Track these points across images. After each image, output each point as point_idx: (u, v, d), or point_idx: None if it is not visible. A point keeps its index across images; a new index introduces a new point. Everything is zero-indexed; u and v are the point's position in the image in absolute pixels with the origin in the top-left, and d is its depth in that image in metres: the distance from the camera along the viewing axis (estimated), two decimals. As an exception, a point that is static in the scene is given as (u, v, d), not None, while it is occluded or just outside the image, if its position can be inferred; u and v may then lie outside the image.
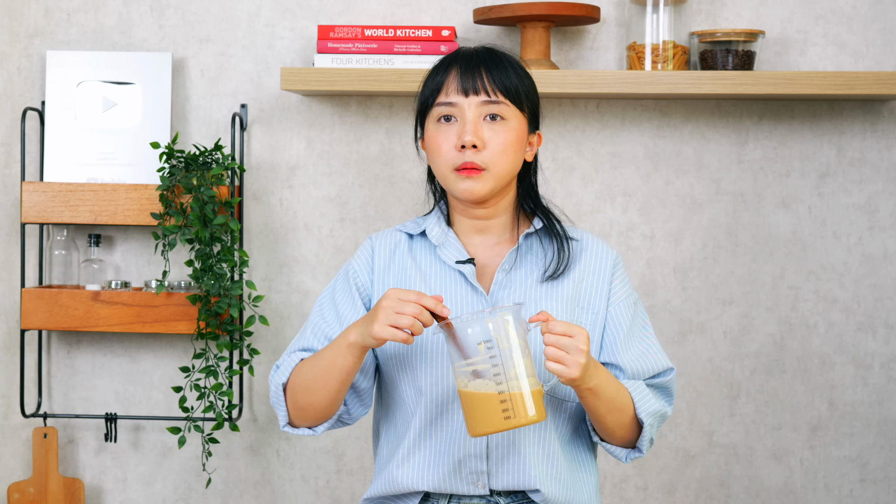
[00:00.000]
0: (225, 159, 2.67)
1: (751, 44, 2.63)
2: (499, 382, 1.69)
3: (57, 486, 2.79)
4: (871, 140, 2.74)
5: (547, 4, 2.59)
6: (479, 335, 1.69)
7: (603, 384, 1.78)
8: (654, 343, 1.93)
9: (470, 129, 1.82)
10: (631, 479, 2.79)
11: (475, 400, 1.70)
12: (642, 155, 2.76)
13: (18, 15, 2.80)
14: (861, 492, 2.77)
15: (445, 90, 1.85)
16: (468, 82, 1.83)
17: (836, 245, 2.75)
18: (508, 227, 1.92)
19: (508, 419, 1.69)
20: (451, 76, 1.85)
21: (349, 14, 2.77)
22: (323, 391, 1.82)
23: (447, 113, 1.85)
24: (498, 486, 1.85)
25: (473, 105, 1.83)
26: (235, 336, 2.74)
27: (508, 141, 1.84)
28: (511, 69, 1.86)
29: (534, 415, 1.70)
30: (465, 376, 1.71)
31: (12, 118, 2.79)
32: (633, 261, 2.76)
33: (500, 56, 1.87)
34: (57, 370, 2.85)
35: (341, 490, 2.82)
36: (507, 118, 1.84)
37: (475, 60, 1.85)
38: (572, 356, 1.70)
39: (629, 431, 1.86)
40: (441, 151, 1.85)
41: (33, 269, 2.82)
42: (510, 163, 1.85)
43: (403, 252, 1.93)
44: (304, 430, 1.89)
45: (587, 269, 1.90)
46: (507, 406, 1.69)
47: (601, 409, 1.80)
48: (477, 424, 1.71)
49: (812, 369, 2.77)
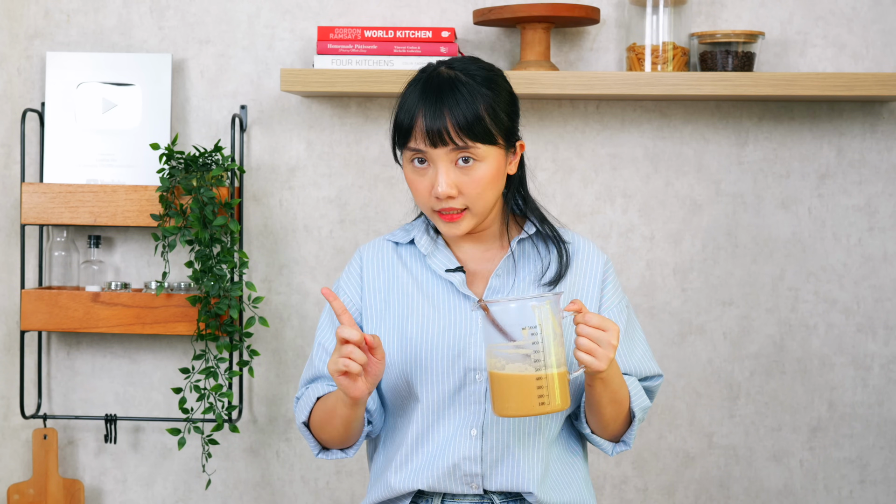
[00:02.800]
0: (225, 160, 2.67)
1: (750, 45, 2.63)
2: (538, 368, 1.70)
3: (57, 487, 2.79)
4: (871, 141, 2.74)
5: (547, 6, 2.59)
6: (524, 320, 1.70)
7: (614, 376, 1.80)
8: (647, 348, 1.96)
9: (442, 181, 1.79)
10: (631, 480, 2.79)
11: (513, 382, 1.71)
12: (642, 156, 2.76)
13: (18, 16, 2.80)
14: (861, 493, 2.77)
15: (413, 136, 1.81)
16: (434, 134, 1.78)
17: (835, 246, 2.75)
18: (498, 233, 1.92)
19: (543, 405, 1.71)
20: (418, 121, 1.80)
21: (349, 15, 2.77)
22: (334, 433, 1.87)
23: (420, 157, 1.82)
24: (492, 487, 1.86)
25: (442, 154, 1.79)
26: (235, 337, 2.74)
27: (484, 181, 1.81)
28: (476, 100, 1.79)
29: (561, 402, 1.72)
30: (504, 358, 1.71)
31: (12, 119, 2.79)
32: (632, 262, 2.76)
33: (462, 88, 1.79)
34: (57, 371, 2.85)
35: (341, 491, 2.82)
36: (481, 158, 1.80)
37: (438, 102, 1.79)
38: (603, 350, 1.71)
39: (620, 425, 1.88)
40: (418, 193, 1.84)
41: (33, 271, 2.82)
42: (491, 197, 1.84)
43: (394, 261, 1.93)
44: (338, 454, 1.92)
45: (578, 273, 1.91)
46: (542, 392, 1.70)
47: (604, 400, 1.82)
48: (509, 406, 1.72)
49: (812, 370, 2.77)
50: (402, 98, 1.84)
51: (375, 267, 1.94)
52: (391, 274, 1.92)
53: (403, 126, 1.82)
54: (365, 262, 1.95)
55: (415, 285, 1.90)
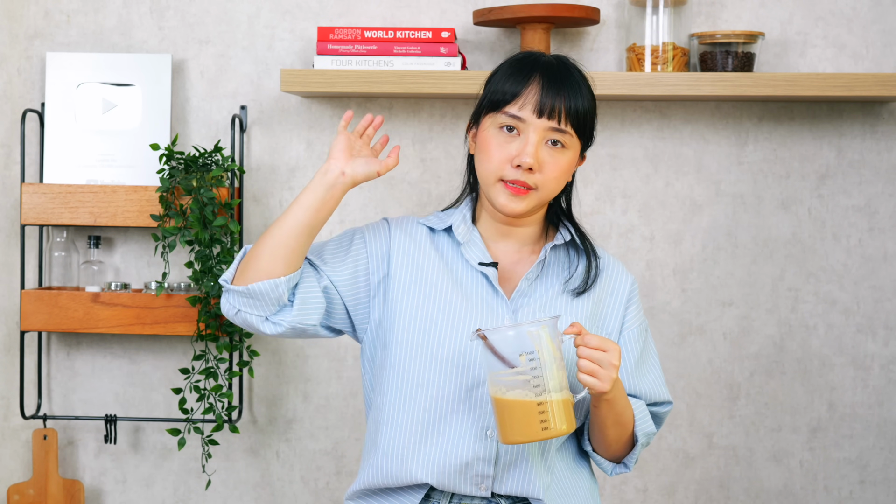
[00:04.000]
0: (225, 161, 2.67)
1: (750, 45, 2.63)
2: (538, 394, 1.71)
3: (56, 487, 2.79)
4: (871, 142, 2.74)
5: (546, 6, 2.59)
6: (520, 346, 1.71)
7: (619, 397, 1.81)
8: (660, 374, 1.96)
9: (531, 152, 1.81)
10: (631, 480, 2.79)
11: (514, 409, 1.72)
12: (642, 156, 2.76)
13: (18, 16, 2.80)
14: (861, 493, 2.77)
15: (520, 103, 1.82)
16: (546, 103, 1.81)
17: (835, 247, 2.75)
18: (534, 236, 1.92)
19: (546, 430, 1.72)
20: (531, 90, 1.82)
21: (349, 15, 2.77)
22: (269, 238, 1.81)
23: (513, 124, 1.83)
24: (501, 490, 1.85)
25: (541, 128, 1.82)
26: (235, 338, 2.74)
27: (563, 167, 1.85)
28: (584, 94, 1.85)
29: (565, 426, 1.73)
30: (504, 385, 1.73)
31: (12, 120, 2.79)
32: (632, 262, 2.76)
33: (577, 77, 1.85)
34: (57, 372, 2.85)
35: (341, 492, 2.82)
36: (568, 147, 1.84)
37: (557, 79, 1.83)
38: (605, 370, 1.72)
39: (622, 447, 1.89)
40: (493, 159, 1.83)
41: (33, 271, 2.82)
42: (558, 186, 1.86)
43: (426, 243, 1.91)
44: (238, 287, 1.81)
45: (605, 290, 1.92)
46: (545, 417, 1.71)
47: (609, 421, 1.83)
48: (512, 433, 1.73)
49: (812, 371, 2.77)
50: (510, 68, 1.85)
51: (406, 241, 1.92)
52: (423, 254, 1.90)
53: (512, 90, 1.83)
54: (394, 231, 1.93)
55: (447, 272, 1.89)
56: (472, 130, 1.91)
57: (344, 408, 2.82)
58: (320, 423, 2.82)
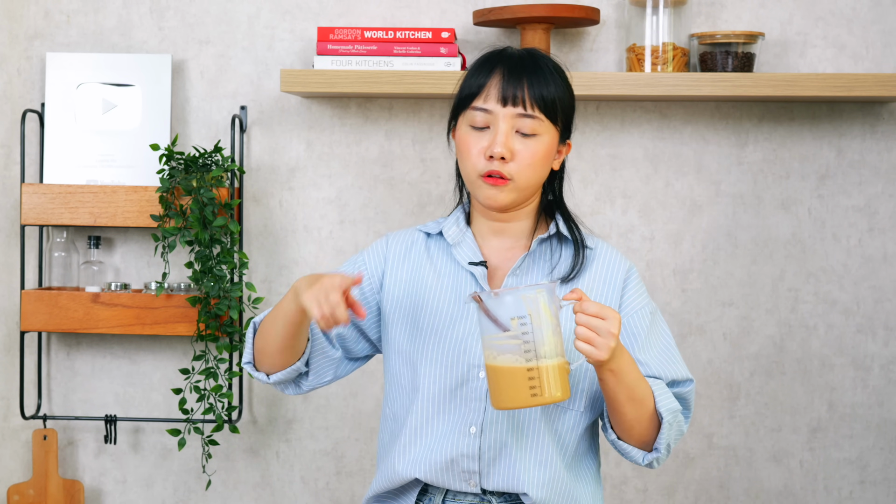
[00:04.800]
0: (224, 161, 2.67)
1: (750, 45, 2.63)
2: (528, 359, 1.69)
3: (56, 487, 2.79)
4: (871, 142, 2.74)
5: (546, 6, 2.59)
6: (513, 310, 1.69)
7: (626, 368, 1.77)
8: (674, 352, 1.92)
9: (500, 141, 1.82)
10: (630, 480, 2.79)
11: (503, 374, 1.70)
12: (642, 157, 2.76)
13: (18, 17, 2.80)
14: (861, 494, 2.77)
15: (484, 95, 1.84)
16: (508, 91, 1.82)
17: (835, 247, 2.75)
18: (527, 231, 1.92)
19: (535, 396, 1.69)
20: (493, 81, 1.84)
21: (349, 16, 2.77)
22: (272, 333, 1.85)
23: (481, 121, 1.84)
24: (489, 486, 1.86)
25: (508, 116, 1.82)
26: (235, 338, 2.74)
27: (538, 155, 1.84)
28: (552, 80, 1.85)
29: (559, 394, 1.70)
30: (495, 349, 1.71)
31: (12, 120, 2.79)
32: (633, 263, 2.76)
33: (543, 65, 1.86)
34: (57, 372, 2.85)
35: (341, 492, 2.82)
36: (540, 133, 1.84)
37: (519, 68, 1.84)
38: (603, 339, 1.70)
39: (647, 429, 1.83)
40: (470, 156, 1.85)
41: (33, 271, 2.82)
42: (536, 175, 1.85)
43: (420, 249, 1.95)
44: (260, 375, 1.92)
45: (597, 278, 1.90)
46: (534, 383, 1.69)
47: (621, 396, 1.79)
48: (502, 398, 1.71)
49: (812, 371, 2.77)
50: (476, 64, 1.88)
51: (402, 256, 1.95)
52: (415, 265, 1.93)
53: (476, 84, 1.85)
54: (391, 248, 1.96)
55: (435, 277, 1.91)
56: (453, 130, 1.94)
57: (344, 408, 2.82)
58: (320, 424, 2.82)
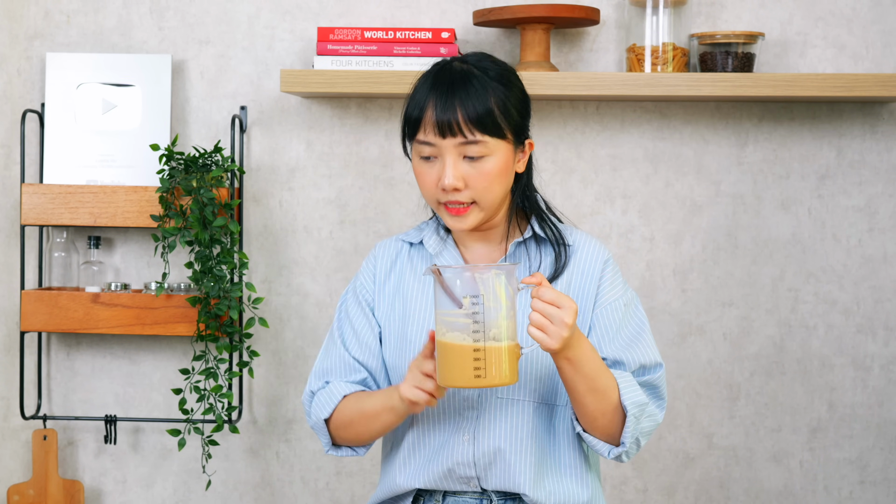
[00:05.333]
0: (224, 161, 2.67)
1: (750, 46, 2.63)
2: (476, 340, 1.66)
3: (56, 488, 2.79)
4: (871, 142, 2.74)
5: (546, 6, 2.59)
6: (466, 288, 1.66)
7: (584, 358, 1.74)
8: (645, 337, 1.88)
9: (449, 174, 1.79)
10: (630, 480, 2.79)
11: (449, 351, 1.68)
12: (642, 157, 2.76)
13: (18, 17, 2.80)
14: (861, 494, 2.77)
15: (423, 128, 1.81)
16: (444, 124, 1.78)
17: (835, 247, 2.75)
18: (505, 234, 1.92)
19: (479, 377, 1.67)
20: (428, 112, 1.80)
21: (349, 16, 2.77)
22: (366, 434, 1.88)
23: (428, 153, 1.82)
24: (488, 486, 1.87)
25: (451, 146, 1.79)
26: (235, 338, 2.74)
27: (492, 175, 1.80)
28: (488, 93, 1.79)
29: (506, 378, 1.67)
30: (445, 325, 1.68)
31: (12, 120, 2.79)
32: (632, 263, 2.76)
33: (474, 81, 1.80)
34: (56, 372, 2.85)
35: (341, 492, 2.82)
36: (489, 153, 1.80)
37: (449, 92, 1.79)
38: (556, 327, 1.67)
39: (611, 422, 1.80)
40: (425, 186, 1.83)
41: (33, 272, 2.82)
42: (497, 192, 1.83)
43: (404, 260, 1.94)
44: (348, 451, 1.93)
45: (576, 272, 1.89)
46: (479, 365, 1.66)
47: (580, 387, 1.76)
48: (447, 376, 1.69)
49: (812, 371, 2.77)
50: (414, 90, 1.85)
51: (387, 267, 1.95)
52: (400, 275, 1.93)
53: (413, 117, 1.82)
54: (378, 261, 1.96)
55: (418, 287, 1.91)
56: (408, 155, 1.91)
57: (344, 408, 2.82)
58: (320, 424, 2.82)
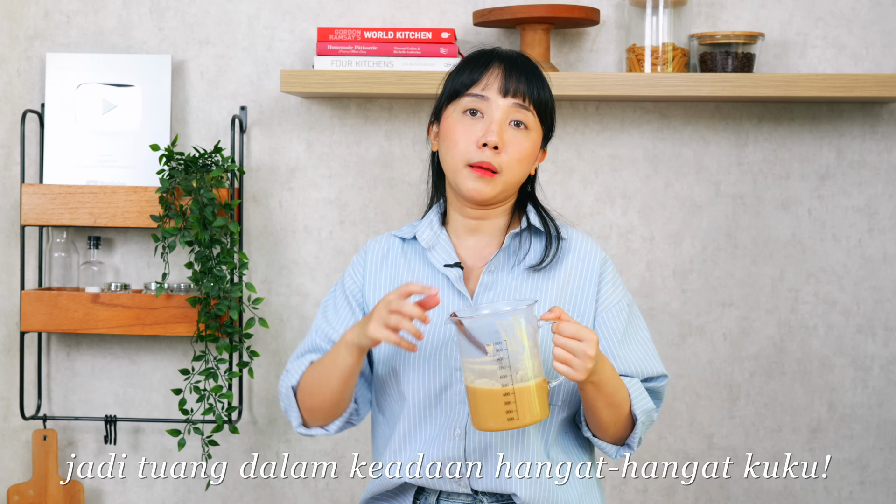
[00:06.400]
0: (224, 161, 2.67)
1: (750, 46, 2.63)
2: (505, 384, 1.70)
3: (56, 488, 2.79)
4: (871, 142, 2.74)
5: (546, 7, 2.59)
6: (489, 336, 1.69)
7: (606, 379, 1.78)
8: (650, 347, 1.93)
9: (495, 129, 1.82)
10: (630, 480, 2.79)
11: (481, 397, 1.72)
12: (642, 157, 2.76)
13: (18, 17, 2.80)
14: (861, 494, 2.77)
15: (482, 84, 1.84)
16: (510, 83, 1.83)
17: (835, 247, 2.75)
18: (502, 228, 1.92)
19: (512, 420, 1.71)
20: (492, 73, 1.84)
21: (349, 16, 2.77)
22: (327, 391, 1.84)
23: (476, 107, 1.84)
24: (479, 487, 1.86)
25: (505, 107, 1.83)
26: (235, 338, 2.74)
27: (526, 150, 1.85)
28: (544, 84, 1.88)
29: (537, 415, 1.71)
30: (473, 373, 1.72)
31: (12, 120, 2.79)
32: (632, 263, 2.76)
33: (536, 67, 1.88)
34: (56, 372, 2.86)
35: (340, 492, 2.82)
36: (531, 128, 1.85)
37: (518, 65, 1.86)
38: (580, 360, 1.70)
39: (622, 428, 1.86)
40: (459, 144, 1.84)
41: (33, 272, 2.83)
42: (522, 171, 1.86)
43: (397, 255, 1.94)
44: (317, 430, 1.91)
45: (573, 271, 1.90)
46: (511, 408, 1.70)
47: (599, 404, 1.81)
48: (481, 420, 1.73)
49: (812, 371, 2.77)
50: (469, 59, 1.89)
51: (378, 263, 1.95)
52: (393, 270, 1.93)
53: (470, 77, 1.85)
54: (369, 257, 1.96)
55: (411, 279, 1.91)
56: (433, 128, 1.92)
57: (344, 408, 2.82)
58: (320, 424, 2.82)
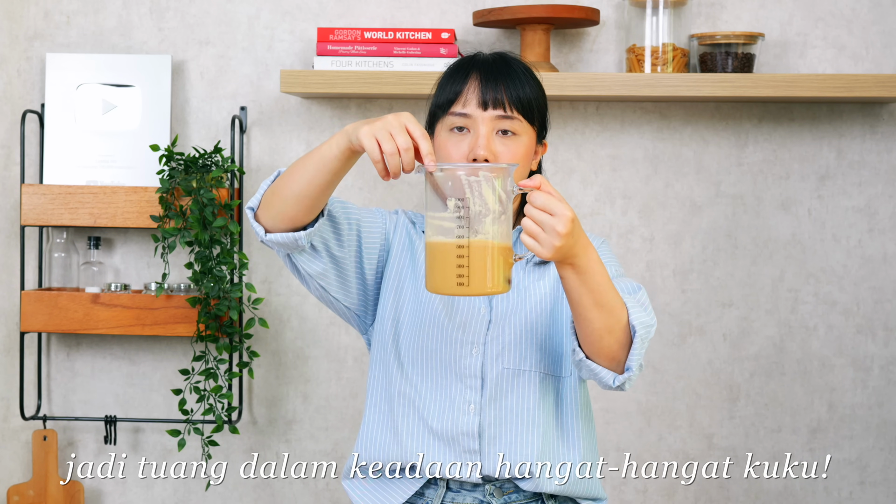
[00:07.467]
0: (224, 162, 2.67)
1: (750, 46, 2.63)
2: (460, 245, 1.60)
3: (56, 488, 2.79)
4: (871, 143, 2.74)
5: (546, 7, 2.59)
6: (453, 190, 1.60)
7: (590, 270, 1.67)
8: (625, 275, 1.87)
9: (483, 144, 1.82)
10: (630, 481, 2.79)
11: (434, 255, 1.62)
12: (642, 157, 2.76)
13: (18, 17, 2.80)
14: (860, 494, 2.77)
15: (462, 100, 1.84)
16: (487, 95, 1.83)
17: (835, 247, 2.75)
18: None
19: (461, 286, 1.60)
20: (470, 87, 1.85)
21: (349, 16, 2.77)
22: (305, 176, 1.72)
23: (461, 124, 1.85)
24: (491, 467, 1.85)
25: (488, 119, 1.83)
26: (235, 338, 2.74)
27: (518, 155, 1.85)
28: (526, 81, 1.87)
29: (491, 286, 1.61)
30: (432, 228, 1.63)
31: (12, 120, 2.79)
32: (632, 263, 2.76)
33: (516, 67, 1.88)
34: (56, 372, 2.85)
35: (341, 492, 2.82)
36: (519, 133, 1.85)
37: (494, 72, 1.85)
38: (547, 235, 1.61)
39: (618, 341, 1.72)
40: (452, 157, 1.85)
41: (33, 272, 2.83)
42: (519, 173, 1.86)
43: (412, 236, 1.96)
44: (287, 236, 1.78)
45: None
46: (462, 272, 1.60)
47: (586, 301, 1.68)
48: (431, 280, 1.64)
49: (812, 372, 2.77)
50: (449, 72, 1.89)
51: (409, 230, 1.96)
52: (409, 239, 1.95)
53: (451, 92, 1.85)
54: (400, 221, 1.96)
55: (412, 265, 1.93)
56: None
57: (344, 409, 2.82)
58: (320, 424, 2.82)
